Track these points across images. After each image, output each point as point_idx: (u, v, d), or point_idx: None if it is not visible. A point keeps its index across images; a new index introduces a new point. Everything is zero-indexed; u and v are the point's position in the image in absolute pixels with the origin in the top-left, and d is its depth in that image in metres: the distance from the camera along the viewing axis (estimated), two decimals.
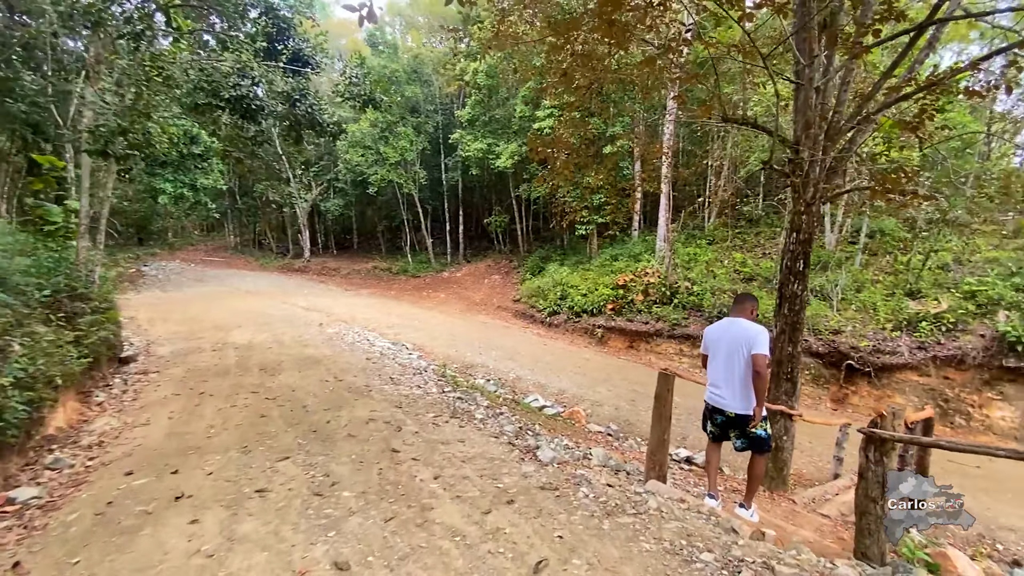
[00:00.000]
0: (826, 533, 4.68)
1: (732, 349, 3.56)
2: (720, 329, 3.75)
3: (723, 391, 3.66)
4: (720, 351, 3.66)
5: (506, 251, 26.39)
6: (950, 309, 10.93)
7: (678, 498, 3.60)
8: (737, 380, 3.53)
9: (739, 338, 3.53)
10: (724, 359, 3.61)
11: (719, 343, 3.69)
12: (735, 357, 3.54)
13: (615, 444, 7.74)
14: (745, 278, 14.90)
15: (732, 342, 3.57)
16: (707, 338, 3.85)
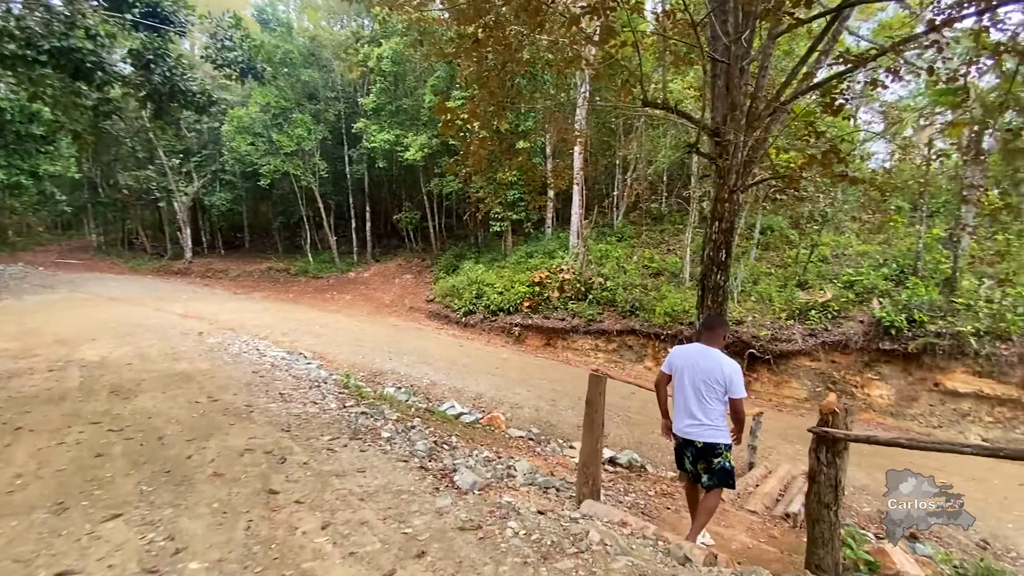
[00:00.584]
0: (758, 532, 4.50)
1: (706, 384, 3.28)
2: (690, 356, 3.42)
3: (694, 422, 3.34)
4: (689, 381, 3.35)
5: (418, 249, 25.25)
6: (834, 298, 11.89)
7: (619, 521, 3.12)
8: (712, 417, 3.28)
9: (714, 375, 3.26)
10: (694, 394, 3.32)
11: (686, 371, 3.38)
12: (710, 394, 3.27)
13: (538, 450, 7.26)
14: (653, 273, 15.30)
15: (706, 376, 3.28)
16: (673, 361, 3.52)
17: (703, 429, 3.29)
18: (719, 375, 3.24)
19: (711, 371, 3.26)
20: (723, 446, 3.30)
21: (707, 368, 3.28)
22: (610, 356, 13.64)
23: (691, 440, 3.36)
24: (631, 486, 5.13)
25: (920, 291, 11.07)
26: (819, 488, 2.84)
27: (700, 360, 3.34)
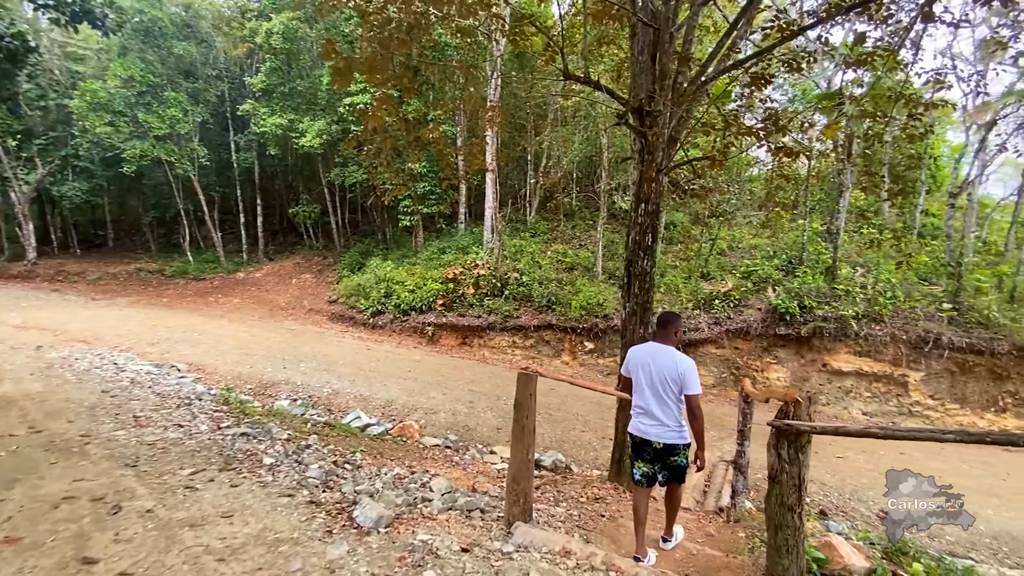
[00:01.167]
0: (695, 532, 4.22)
1: (661, 383, 3.19)
2: (645, 354, 3.32)
3: (654, 421, 3.23)
4: (646, 381, 3.27)
5: (319, 247, 23.28)
6: (734, 287, 12.51)
7: (560, 549, 2.58)
8: (672, 416, 3.19)
9: (669, 373, 3.16)
10: (652, 392, 3.23)
11: (643, 370, 3.29)
12: (666, 393, 3.19)
13: (456, 459, 6.59)
14: (567, 267, 15.24)
15: (660, 375, 3.19)
16: (631, 361, 3.42)
17: (664, 430, 3.19)
18: (674, 373, 3.14)
19: (666, 369, 3.17)
20: (682, 446, 3.23)
21: (662, 366, 3.19)
22: (528, 352, 13.30)
23: (650, 439, 3.25)
24: (561, 492, 4.67)
25: (808, 279, 11.97)
26: (781, 489, 2.50)
27: (655, 359, 3.24)
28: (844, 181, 13.54)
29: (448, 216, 20.64)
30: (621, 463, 5.00)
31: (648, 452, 3.29)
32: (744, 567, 3.22)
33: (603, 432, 8.28)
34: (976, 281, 11.34)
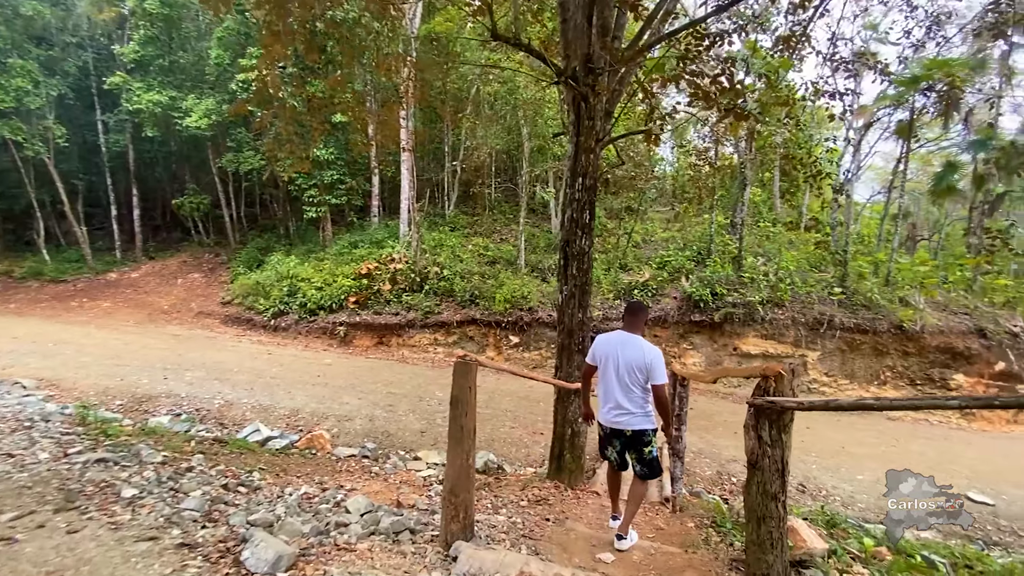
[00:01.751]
0: (644, 527, 3.92)
1: (628, 371, 3.14)
2: (613, 344, 3.26)
3: (622, 411, 3.17)
4: (613, 370, 3.20)
5: (210, 243, 20.80)
6: (651, 277, 12.83)
7: (519, 573, 2.08)
8: (637, 403, 3.15)
9: (637, 363, 3.12)
10: (619, 383, 3.17)
11: (611, 359, 3.23)
12: (632, 382, 3.14)
13: (376, 469, 5.86)
14: (489, 261, 14.82)
15: (628, 365, 3.14)
16: (597, 350, 3.35)
17: (631, 417, 3.15)
18: (641, 363, 3.10)
19: (634, 359, 3.13)
20: (650, 431, 3.20)
21: (630, 356, 3.15)
22: (451, 349, 12.67)
23: (620, 430, 3.21)
24: (498, 497, 4.18)
25: (718, 268, 12.55)
26: (763, 476, 2.20)
27: (623, 348, 3.19)
28: (745, 176, 14.42)
29: (360, 209, 19.38)
30: (561, 459, 4.63)
31: (618, 442, 3.26)
32: (707, 564, 2.94)
33: (533, 427, 7.93)
34: (859, 268, 12.55)
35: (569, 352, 4.66)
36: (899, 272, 12.73)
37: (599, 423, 3.36)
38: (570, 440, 4.59)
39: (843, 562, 2.90)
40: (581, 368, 4.59)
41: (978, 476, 7.42)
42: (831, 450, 8.00)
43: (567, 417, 4.61)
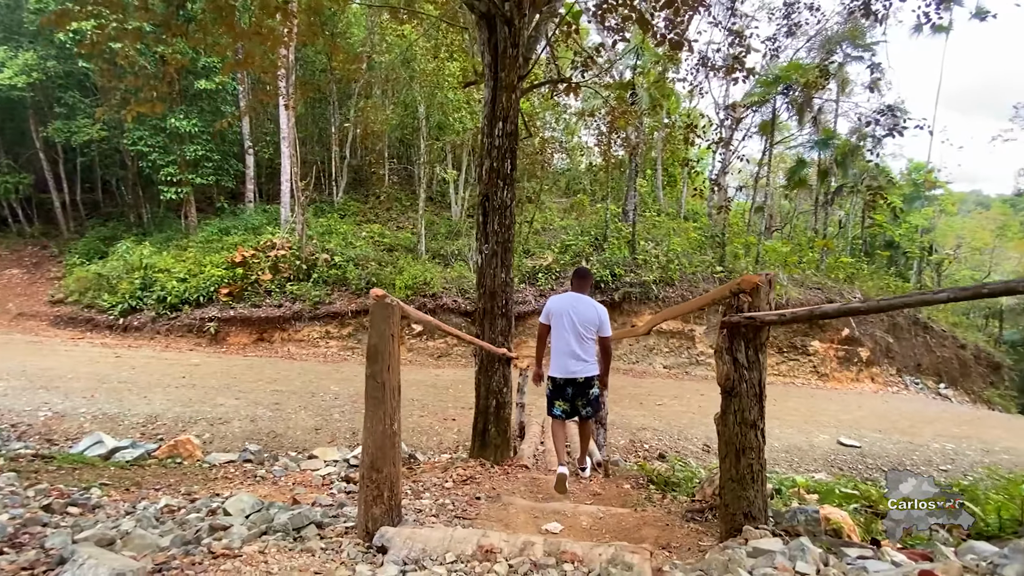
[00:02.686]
0: (581, 494, 3.65)
1: (583, 325, 3.52)
2: (567, 303, 3.60)
3: (578, 360, 3.53)
4: (569, 325, 3.53)
5: (32, 233, 17.00)
6: (554, 261, 12.89)
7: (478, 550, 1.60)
8: (590, 353, 3.56)
9: (588, 318, 3.52)
10: (575, 336, 3.52)
11: (565, 316, 3.55)
12: (588, 333, 3.54)
13: (261, 473, 4.93)
14: (387, 248, 13.89)
15: (582, 320, 3.52)
16: (552, 309, 3.65)
17: (585, 365, 3.51)
18: (594, 318, 3.51)
19: (587, 314, 3.50)
20: (596, 377, 3.59)
21: (583, 312, 3.51)
22: (345, 342, 11.58)
23: (574, 378, 3.52)
24: (419, 484, 3.62)
25: (615, 251, 12.98)
26: (741, 403, 1.97)
27: (576, 306, 3.53)
28: (636, 164, 15.15)
29: (232, 194, 17.15)
30: (485, 435, 4.18)
31: (569, 390, 3.57)
32: (661, 519, 2.69)
33: (444, 414, 7.40)
34: (734, 250, 13.77)
35: (492, 317, 4.23)
36: (766, 253, 14.22)
37: (551, 377, 3.61)
38: (495, 413, 4.17)
39: (786, 498, 2.83)
40: (505, 334, 4.21)
41: (843, 424, 8.38)
42: None
43: (491, 388, 4.18)
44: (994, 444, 7.89)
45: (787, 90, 13.00)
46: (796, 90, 12.98)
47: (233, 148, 16.48)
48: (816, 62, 13.84)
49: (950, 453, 7.43)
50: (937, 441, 7.89)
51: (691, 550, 2.18)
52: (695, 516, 2.64)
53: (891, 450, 7.33)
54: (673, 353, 12.35)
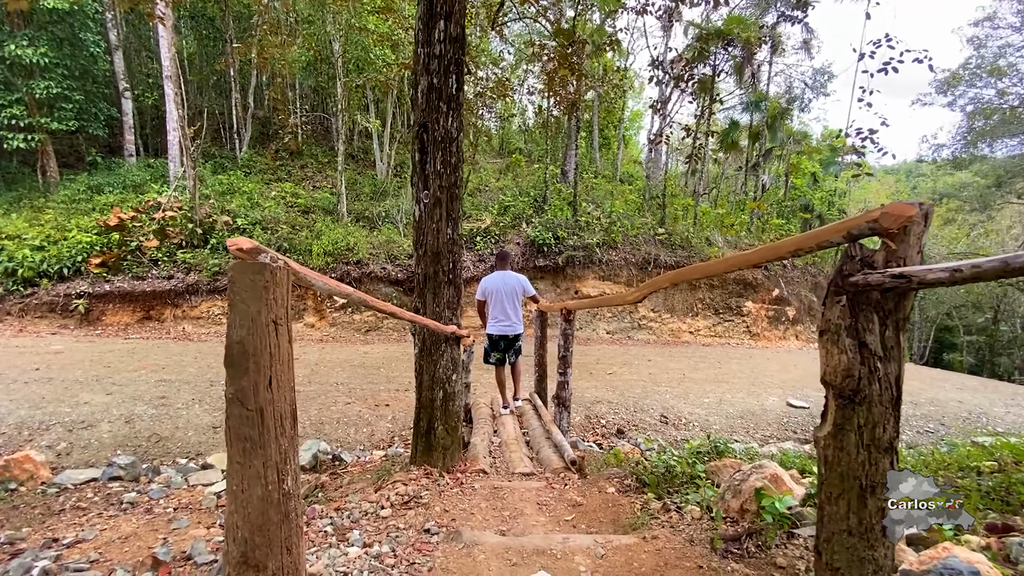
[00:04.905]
0: (559, 508, 2.90)
1: (512, 295, 4.67)
2: (497, 280, 4.69)
3: (510, 322, 4.70)
4: (503, 296, 4.67)
5: None
6: (493, 223, 11.95)
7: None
8: (518, 316, 4.74)
9: (515, 286, 4.67)
10: (508, 301, 4.68)
11: (499, 291, 4.66)
12: (515, 301, 4.70)
13: (132, 498, 3.75)
14: (303, 210, 12.23)
15: (509, 289, 4.66)
16: (486, 287, 4.72)
17: (515, 325, 4.70)
18: (518, 287, 4.69)
19: (513, 286, 4.68)
20: (522, 334, 4.81)
21: (510, 284, 4.68)
22: None
23: (506, 335, 4.71)
24: (344, 510, 2.68)
25: (557, 213, 12.26)
26: (870, 414, 1.26)
27: (505, 280, 4.68)
28: (578, 119, 14.35)
29: (109, 147, 14.39)
30: (431, 434, 3.29)
31: (503, 344, 4.74)
32: (683, 555, 1.98)
33: (375, 399, 6.40)
34: (674, 212, 13.54)
35: (436, 285, 3.28)
36: (704, 216, 14.15)
37: (488, 335, 4.76)
38: (442, 407, 3.28)
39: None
40: (453, 307, 3.30)
41: (786, 384, 8.38)
42: (676, 379, 8.24)
43: (437, 376, 3.27)
44: (918, 396, 8.21)
45: (728, 45, 12.66)
46: (737, 46, 12.68)
47: (104, 89, 13.69)
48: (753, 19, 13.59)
49: None
50: None
51: None
52: (732, 548, 1.95)
53: None
54: (616, 319, 12.01)
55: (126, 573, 2.19)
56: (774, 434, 6.46)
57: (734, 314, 12.91)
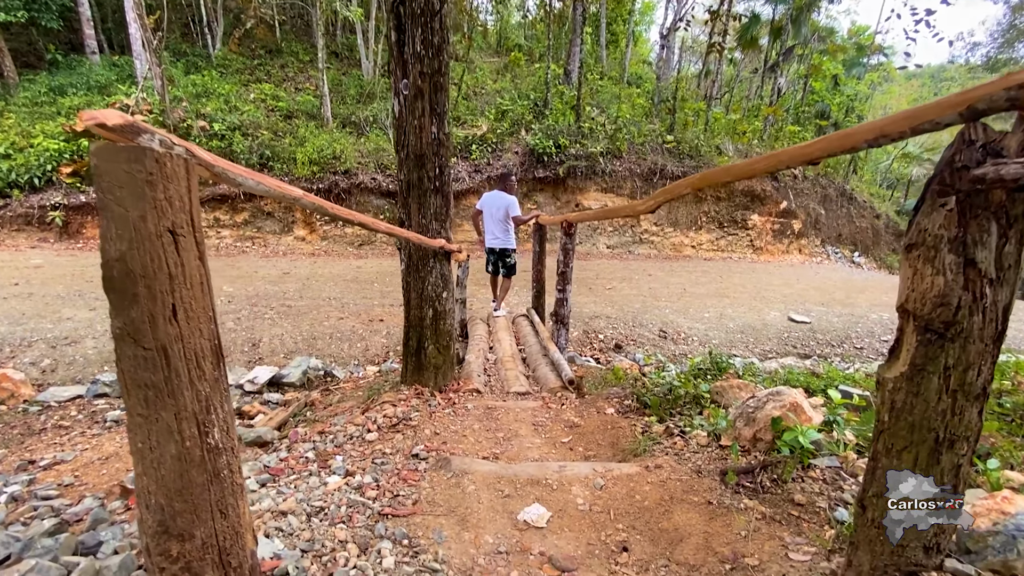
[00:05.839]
0: (556, 430, 2.77)
1: (499, 211, 5.11)
2: (489, 198, 5.19)
3: (496, 238, 5.23)
4: (489, 214, 5.18)
5: None
6: (490, 130, 11.14)
7: None
8: (505, 232, 5.19)
9: (503, 205, 5.10)
10: (494, 218, 5.16)
11: (491, 207, 5.15)
12: (502, 219, 5.13)
13: (117, 416, 3.65)
14: (284, 114, 11.34)
15: (499, 207, 5.11)
16: (482, 202, 5.24)
17: (501, 240, 5.22)
18: (505, 207, 5.09)
19: (501, 206, 5.11)
20: (511, 250, 5.28)
21: (499, 204, 5.12)
22: (242, 231, 9.69)
23: (494, 248, 5.28)
24: (328, 433, 2.54)
25: (559, 118, 11.40)
26: (964, 352, 0.97)
27: (496, 200, 5.14)
28: (577, 18, 12.93)
29: (68, 43, 13.07)
30: (421, 354, 3.10)
31: (494, 255, 5.36)
32: (689, 485, 1.83)
33: (369, 314, 6.24)
34: (684, 117, 12.62)
35: (420, 193, 2.90)
36: (715, 122, 13.24)
37: (486, 245, 5.34)
38: (432, 325, 3.05)
39: (840, 432, 2.05)
40: (441, 218, 2.95)
41: (788, 299, 8.24)
42: (676, 293, 8.07)
43: (425, 294, 3.00)
44: None
45: None
46: None
47: None
48: None
49: (887, 323, 7.50)
50: (874, 311, 7.97)
51: (780, 572, 1.32)
52: (744, 483, 1.79)
53: (837, 323, 7.26)
54: (618, 233, 11.64)
55: (95, 501, 2.07)
56: (774, 349, 6.39)
57: (738, 227, 12.52)
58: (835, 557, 1.29)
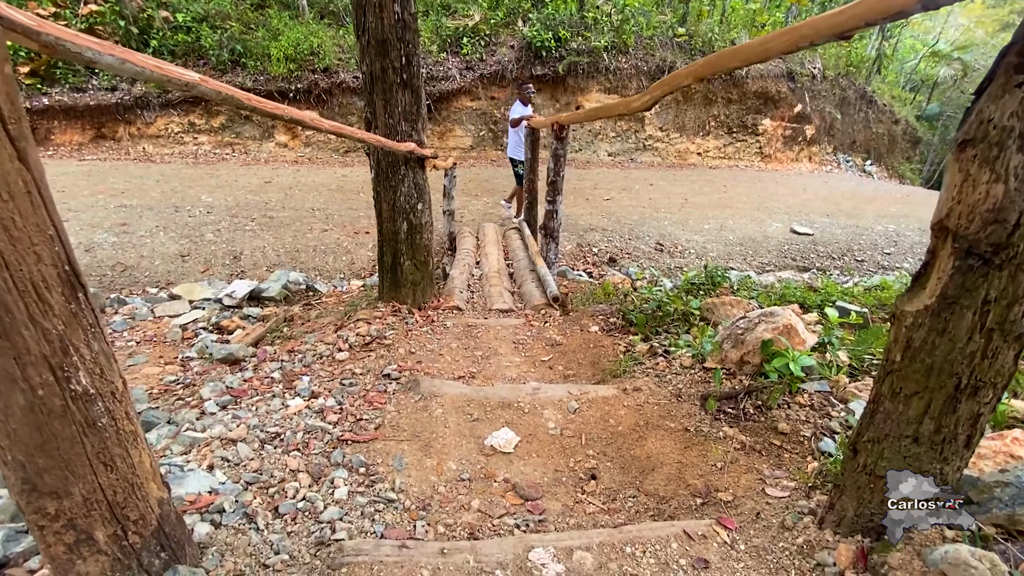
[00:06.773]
0: (537, 348, 2.67)
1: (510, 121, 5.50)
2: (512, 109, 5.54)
3: (509, 146, 5.75)
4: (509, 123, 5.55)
5: None
6: (483, 19, 10.07)
7: None
8: (513, 139, 5.59)
9: (512, 115, 5.44)
10: (510, 127, 5.57)
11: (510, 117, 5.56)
12: (511, 126, 5.52)
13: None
14: (254, 4, 10.17)
15: (511, 117, 5.48)
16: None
17: (510, 150, 5.73)
18: (512, 112, 5.48)
19: (511, 116, 5.49)
20: (519, 160, 5.53)
21: (511, 114, 5.51)
22: (220, 137, 9.11)
23: (509, 156, 5.81)
24: (298, 352, 2.44)
25: (560, 8, 10.25)
26: (1012, 284, 0.73)
27: (512, 111, 5.51)
28: None
29: None
30: (397, 270, 2.91)
31: (512, 164, 5.83)
32: (667, 410, 1.73)
33: (355, 225, 5.99)
34: (699, 5, 11.36)
35: (385, 86, 2.53)
36: (732, 13, 11.95)
37: None
38: (407, 239, 2.84)
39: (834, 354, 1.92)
40: (411, 118, 2.62)
41: (792, 209, 7.92)
42: (677, 204, 7.74)
43: (397, 205, 2.75)
44: (928, 223, 7.82)
45: None
46: None
47: None
48: None
49: (892, 235, 7.27)
50: (879, 223, 7.70)
51: (754, 510, 1.24)
52: (725, 408, 1.69)
53: (840, 235, 7.02)
54: (620, 139, 10.97)
55: None
56: (772, 261, 6.22)
57: (748, 133, 11.81)
58: (815, 494, 1.19)
